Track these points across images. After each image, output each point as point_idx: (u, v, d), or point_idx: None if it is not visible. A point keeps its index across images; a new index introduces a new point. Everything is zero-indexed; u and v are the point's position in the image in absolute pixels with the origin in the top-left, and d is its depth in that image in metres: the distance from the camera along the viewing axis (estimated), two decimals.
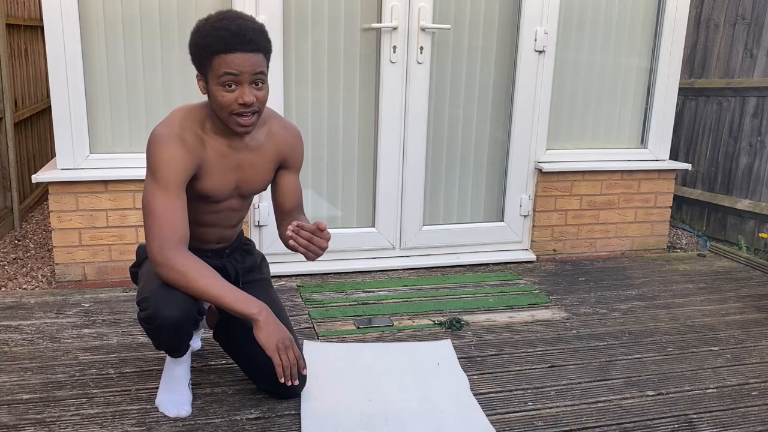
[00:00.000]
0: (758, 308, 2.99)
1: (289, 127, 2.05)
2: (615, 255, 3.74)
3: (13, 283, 3.11)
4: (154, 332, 1.84)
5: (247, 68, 1.75)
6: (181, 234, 1.79)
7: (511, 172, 3.50)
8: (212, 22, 1.76)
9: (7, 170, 3.87)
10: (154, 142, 1.80)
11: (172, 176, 1.79)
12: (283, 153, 2.03)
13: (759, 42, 3.95)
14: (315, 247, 1.84)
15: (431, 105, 3.33)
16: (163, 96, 3.03)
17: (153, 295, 1.79)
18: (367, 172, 3.34)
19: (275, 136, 2.00)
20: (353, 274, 3.28)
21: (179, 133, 1.82)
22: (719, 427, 2.03)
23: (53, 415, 1.98)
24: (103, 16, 2.90)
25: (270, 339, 1.78)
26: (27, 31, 4.38)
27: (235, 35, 1.72)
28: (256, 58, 1.76)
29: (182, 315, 1.80)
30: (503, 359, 2.42)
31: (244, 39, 1.73)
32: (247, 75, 1.76)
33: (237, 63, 1.74)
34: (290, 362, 1.81)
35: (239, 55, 1.73)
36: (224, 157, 1.91)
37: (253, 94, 1.78)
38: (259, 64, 1.77)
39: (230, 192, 1.97)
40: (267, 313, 1.80)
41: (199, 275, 1.76)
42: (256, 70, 1.76)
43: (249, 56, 1.74)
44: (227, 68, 1.74)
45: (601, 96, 3.62)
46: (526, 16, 3.32)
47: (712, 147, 4.28)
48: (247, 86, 1.77)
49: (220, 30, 1.73)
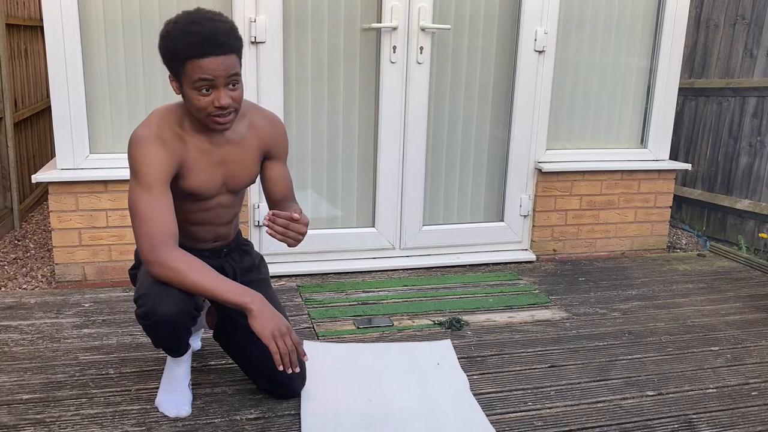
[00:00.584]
0: (758, 308, 2.99)
1: (269, 117, 2.03)
2: (615, 255, 3.74)
3: (13, 283, 3.11)
4: (151, 329, 1.83)
5: (221, 72, 1.73)
6: (169, 231, 1.79)
7: (511, 172, 3.50)
8: (182, 25, 1.72)
9: (7, 170, 3.87)
10: (134, 144, 1.80)
11: (153, 176, 1.79)
12: (266, 143, 2.02)
13: (759, 42, 3.95)
14: (293, 233, 1.84)
15: (431, 105, 3.33)
16: (163, 96, 3.03)
17: (149, 292, 1.79)
18: (367, 172, 3.34)
19: (256, 128, 1.99)
20: (353, 274, 3.28)
21: (158, 133, 1.82)
22: (719, 427, 2.03)
23: (53, 415, 1.98)
24: (103, 16, 2.90)
25: (265, 327, 1.76)
26: (27, 31, 4.38)
27: (207, 40, 1.70)
28: (229, 60, 1.74)
29: (179, 310, 1.79)
30: (503, 359, 2.42)
31: (216, 43, 1.70)
32: (222, 78, 1.74)
33: (211, 68, 1.72)
34: (288, 349, 1.78)
35: (212, 59, 1.71)
36: (207, 154, 1.90)
37: (229, 96, 1.77)
38: (233, 65, 1.75)
39: (218, 188, 1.96)
40: (261, 302, 1.78)
41: (191, 270, 1.76)
42: (230, 73, 1.75)
43: (222, 59, 1.72)
44: (201, 74, 1.72)
45: (601, 96, 3.62)
46: (526, 16, 3.32)
47: (712, 147, 4.28)
48: (222, 89, 1.76)
49: (191, 35, 1.70)
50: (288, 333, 1.80)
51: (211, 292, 1.76)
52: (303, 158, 3.23)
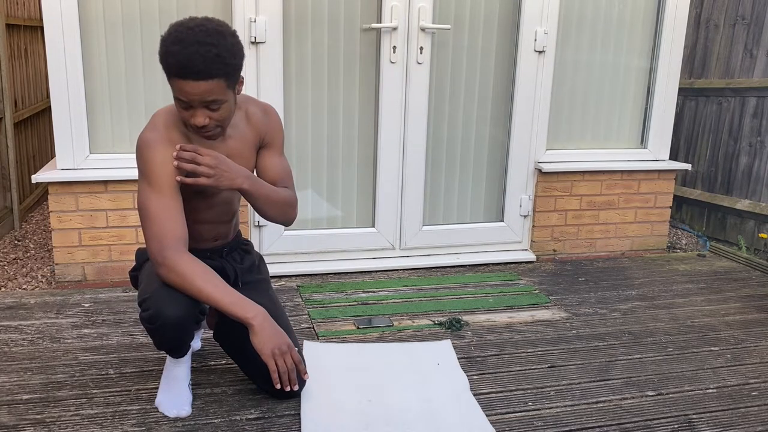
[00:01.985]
0: (758, 308, 2.99)
1: (263, 106, 2.04)
2: (615, 255, 3.74)
3: (13, 283, 3.11)
4: (156, 332, 1.84)
5: (195, 97, 1.71)
6: (179, 235, 1.80)
7: (511, 172, 3.50)
8: (168, 42, 1.70)
9: (7, 170, 3.87)
10: (144, 147, 1.81)
11: (164, 178, 1.80)
12: (261, 132, 2.02)
13: (759, 42, 3.95)
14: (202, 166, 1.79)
15: (431, 105, 3.33)
16: (163, 96, 3.03)
17: (154, 295, 1.80)
18: (367, 172, 3.34)
19: (252, 117, 2.00)
20: (353, 274, 3.28)
21: (165, 134, 1.83)
22: (719, 427, 2.03)
23: (53, 415, 1.98)
24: (103, 16, 2.90)
25: (265, 344, 1.78)
26: (27, 31, 4.38)
27: (182, 66, 1.67)
28: (207, 86, 1.70)
29: (184, 314, 1.80)
30: (503, 359, 2.42)
31: (192, 70, 1.67)
32: (197, 102, 1.73)
33: (186, 91, 1.71)
34: (288, 368, 1.80)
35: (188, 83, 1.69)
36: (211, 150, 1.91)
37: (206, 116, 1.76)
38: (210, 92, 1.71)
39: None
40: (263, 318, 1.79)
41: (198, 277, 1.77)
42: (206, 99, 1.72)
43: (198, 84, 1.69)
44: (178, 93, 1.73)
45: (601, 96, 3.62)
46: (526, 16, 3.32)
47: (712, 147, 4.28)
48: (199, 110, 1.75)
49: (170, 55, 1.69)
50: (288, 351, 1.81)
51: (215, 302, 1.77)
52: (303, 158, 3.23)
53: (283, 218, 2.04)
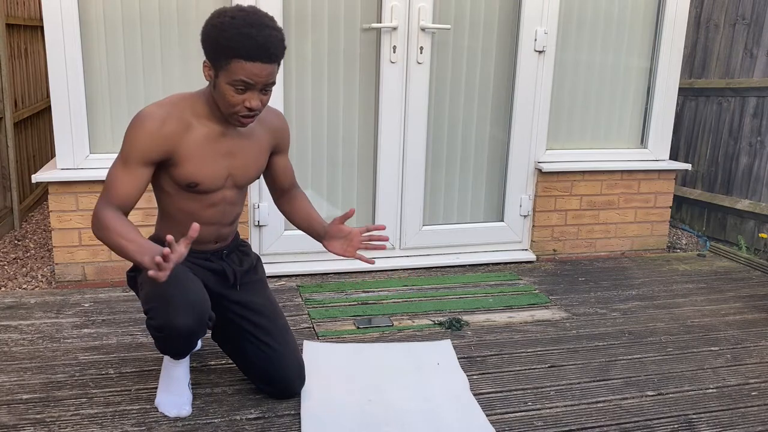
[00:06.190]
0: (758, 308, 2.99)
1: (275, 111, 2.09)
2: (615, 255, 3.74)
3: (13, 283, 3.11)
4: (164, 339, 1.83)
5: (262, 79, 1.77)
6: (122, 201, 1.81)
7: (511, 172, 3.50)
8: (238, 23, 1.73)
9: (7, 170, 3.87)
10: (135, 118, 1.83)
11: (133, 153, 1.81)
12: (275, 138, 2.08)
13: (759, 42, 3.95)
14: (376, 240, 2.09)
15: (431, 105, 3.33)
16: (163, 96, 3.02)
17: (163, 304, 1.78)
18: (367, 171, 3.34)
19: (265, 121, 2.03)
20: (353, 274, 3.28)
21: (162, 115, 1.83)
22: (719, 427, 2.03)
23: (53, 415, 1.98)
24: (103, 16, 2.90)
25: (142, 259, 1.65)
26: (27, 31, 4.38)
27: (261, 47, 1.72)
28: (272, 68, 1.78)
29: (195, 323, 1.79)
30: (503, 359, 2.42)
31: (267, 52, 1.74)
32: (260, 84, 1.78)
33: (254, 73, 1.75)
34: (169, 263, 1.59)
35: (258, 66, 1.74)
36: (213, 143, 1.91)
37: (259, 100, 1.81)
38: (274, 74, 1.80)
39: (223, 181, 1.96)
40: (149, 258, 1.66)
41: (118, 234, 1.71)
42: (269, 81, 1.79)
43: (267, 67, 1.76)
44: (244, 75, 1.75)
45: (601, 96, 3.62)
46: (526, 16, 3.32)
47: (712, 147, 4.28)
48: (256, 92, 1.80)
49: (246, 38, 1.72)
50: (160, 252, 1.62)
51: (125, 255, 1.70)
52: (303, 158, 3.23)
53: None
